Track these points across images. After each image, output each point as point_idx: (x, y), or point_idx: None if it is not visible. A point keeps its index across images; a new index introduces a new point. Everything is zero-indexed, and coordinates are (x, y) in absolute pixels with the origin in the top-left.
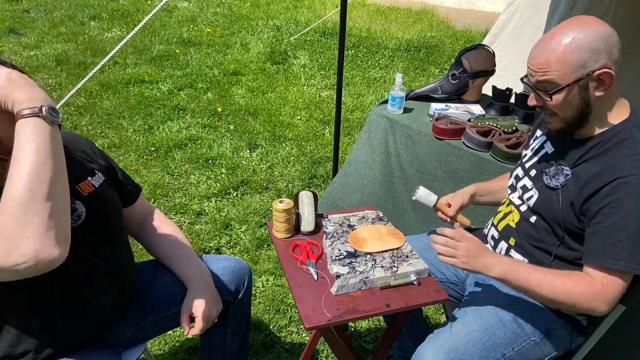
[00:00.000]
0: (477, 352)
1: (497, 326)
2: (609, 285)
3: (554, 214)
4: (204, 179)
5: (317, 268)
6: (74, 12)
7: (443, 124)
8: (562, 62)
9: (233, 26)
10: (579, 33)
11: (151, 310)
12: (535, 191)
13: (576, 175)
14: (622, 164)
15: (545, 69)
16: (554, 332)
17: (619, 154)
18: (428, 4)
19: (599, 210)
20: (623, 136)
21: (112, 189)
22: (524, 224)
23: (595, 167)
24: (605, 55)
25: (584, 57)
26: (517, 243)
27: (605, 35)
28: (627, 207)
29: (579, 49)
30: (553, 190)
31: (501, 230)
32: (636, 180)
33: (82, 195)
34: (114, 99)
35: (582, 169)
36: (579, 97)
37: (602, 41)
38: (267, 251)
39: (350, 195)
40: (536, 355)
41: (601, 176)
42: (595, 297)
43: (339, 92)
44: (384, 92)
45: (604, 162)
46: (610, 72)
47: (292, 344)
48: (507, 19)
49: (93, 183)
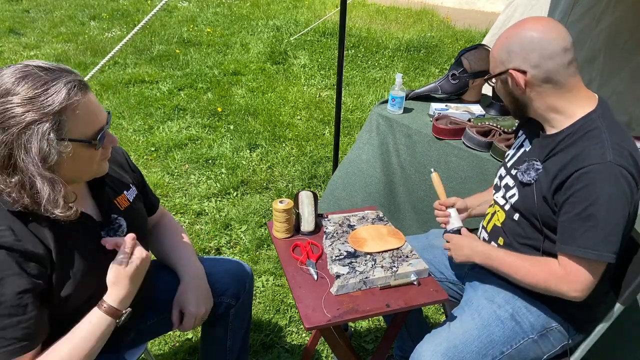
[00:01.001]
0: (474, 349)
1: (494, 324)
2: (572, 272)
3: (530, 209)
4: (204, 179)
5: (317, 268)
6: (74, 12)
7: (443, 124)
8: (492, 56)
9: (233, 26)
10: (511, 32)
11: (152, 312)
12: (516, 189)
13: (546, 169)
14: (586, 155)
15: (490, 59)
16: (552, 330)
17: (585, 144)
18: (428, 4)
19: (565, 200)
20: (589, 127)
21: (141, 201)
22: (509, 223)
23: (562, 159)
24: (519, 59)
25: (502, 55)
26: (506, 242)
27: (526, 39)
28: (590, 197)
29: (502, 47)
30: (528, 186)
31: (490, 231)
32: (598, 169)
33: (119, 209)
34: (114, 99)
35: (551, 162)
36: (503, 89)
37: (519, 45)
38: (267, 251)
39: (354, 195)
40: (534, 353)
41: (567, 168)
42: (559, 282)
43: (339, 92)
44: (384, 92)
45: (571, 153)
46: (515, 74)
47: (292, 344)
48: (507, 19)
49: (128, 197)
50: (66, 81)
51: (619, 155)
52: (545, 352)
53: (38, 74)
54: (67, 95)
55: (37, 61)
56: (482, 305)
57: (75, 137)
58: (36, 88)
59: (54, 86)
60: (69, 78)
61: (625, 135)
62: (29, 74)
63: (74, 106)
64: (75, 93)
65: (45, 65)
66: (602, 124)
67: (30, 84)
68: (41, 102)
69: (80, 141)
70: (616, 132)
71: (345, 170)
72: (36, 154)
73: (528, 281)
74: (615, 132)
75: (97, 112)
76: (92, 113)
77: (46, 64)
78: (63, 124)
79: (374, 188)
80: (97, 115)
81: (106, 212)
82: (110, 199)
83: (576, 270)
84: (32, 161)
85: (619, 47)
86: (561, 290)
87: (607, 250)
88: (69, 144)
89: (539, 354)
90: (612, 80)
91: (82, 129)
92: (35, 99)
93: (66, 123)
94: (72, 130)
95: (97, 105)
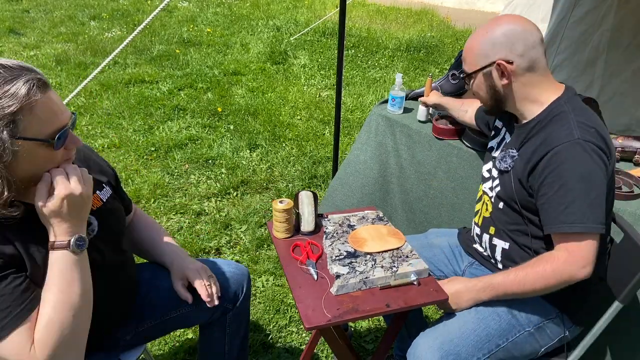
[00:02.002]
0: (471, 343)
1: (491, 317)
2: (574, 250)
3: (509, 194)
4: (204, 179)
5: (317, 268)
6: (74, 12)
7: (443, 124)
8: (472, 53)
9: (233, 26)
10: (490, 27)
11: (149, 315)
12: (497, 179)
13: (521, 156)
14: (555, 136)
15: (465, 58)
16: (549, 323)
17: (553, 128)
18: (428, 4)
19: (541, 183)
20: (555, 112)
21: (117, 200)
22: (496, 213)
23: (534, 144)
24: (506, 49)
25: (486, 49)
26: (497, 231)
27: (509, 31)
28: (564, 174)
29: (484, 41)
30: (506, 173)
31: (481, 224)
32: (565, 148)
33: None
34: (114, 99)
35: (525, 148)
36: (485, 83)
37: (505, 36)
38: (267, 251)
39: (350, 195)
40: (531, 346)
41: (538, 151)
42: (567, 266)
43: (339, 92)
44: (384, 92)
45: (541, 137)
46: (504, 64)
47: (292, 344)
48: None
49: (101, 197)
50: (25, 80)
51: (586, 132)
52: (542, 344)
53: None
54: (26, 94)
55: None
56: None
57: (31, 136)
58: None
59: (14, 85)
60: (28, 76)
61: (590, 115)
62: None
63: (32, 105)
64: (35, 92)
65: (6, 64)
66: (568, 107)
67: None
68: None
69: (36, 140)
70: (582, 114)
71: (343, 171)
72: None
73: (540, 285)
74: (580, 114)
75: (58, 112)
76: (52, 112)
77: (7, 62)
78: (18, 123)
79: (370, 189)
80: (58, 114)
81: None
82: None
83: (574, 247)
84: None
85: (622, 48)
86: (571, 273)
87: (593, 222)
88: (24, 143)
89: (536, 347)
90: (613, 82)
91: (40, 128)
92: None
93: (21, 122)
94: (27, 129)
95: (59, 105)
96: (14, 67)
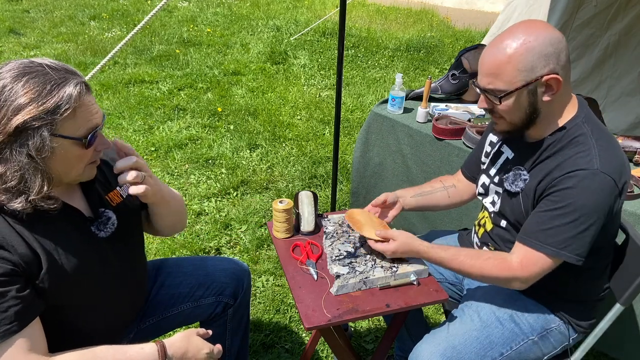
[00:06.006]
0: (474, 350)
1: (494, 325)
2: (529, 266)
3: (517, 217)
4: (204, 179)
5: (317, 268)
6: (74, 12)
7: (443, 124)
8: (511, 66)
9: (233, 26)
10: (529, 37)
11: (151, 313)
12: (500, 196)
13: (532, 177)
14: (573, 161)
15: (495, 72)
16: (552, 331)
17: (571, 152)
18: (428, 4)
19: (544, 197)
20: (574, 133)
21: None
22: (497, 230)
23: (549, 166)
24: (554, 60)
25: (533, 62)
26: (496, 248)
27: (554, 40)
28: (568, 198)
29: (528, 53)
30: (515, 195)
31: (480, 237)
32: (583, 175)
33: (110, 205)
34: (114, 99)
35: (537, 170)
36: (527, 102)
37: (552, 46)
38: (267, 251)
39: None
40: (535, 354)
41: (552, 174)
42: (512, 274)
43: (339, 92)
44: (384, 92)
45: (557, 160)
46: (557, 78)
47: (292, 344)
48: (506, 19)
49: (121, 193)
50: (75, 82)
51: (607, 164)
52: (545, 353)
53: (46, 72)
54: (77, 97)
55: (44, 59)
56: (481, 306)
57: (68, 135)
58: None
59: (65, 88)
60: (77, 80)
61: (611, 140)
62: (35, 71)
63: (76, 107)
64: (83, 95)
65: (52, 65)
66: (588, 129)
67: (38, 81)
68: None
69: (72, 138)
70: (601, 136)
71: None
72: (33, 147)
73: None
74: (600, 137)
75: (94, 113)
76: (90, 113)
77: (53, 63)
78: (59, 122)
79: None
80: (93, 115)
81: (96, 208)
82: (102, 195)
83: (532, 264)
84: (26, 153)
85: (630, 50)
86: (511, 282)
87: (570, 251)
88: (61, 140)
89: (539, 355)
90: (620, 83)
91: (76, 127)
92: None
93: (62, 121)
94: (66, 128)
95: (95, 106)
96: (60, 68)
